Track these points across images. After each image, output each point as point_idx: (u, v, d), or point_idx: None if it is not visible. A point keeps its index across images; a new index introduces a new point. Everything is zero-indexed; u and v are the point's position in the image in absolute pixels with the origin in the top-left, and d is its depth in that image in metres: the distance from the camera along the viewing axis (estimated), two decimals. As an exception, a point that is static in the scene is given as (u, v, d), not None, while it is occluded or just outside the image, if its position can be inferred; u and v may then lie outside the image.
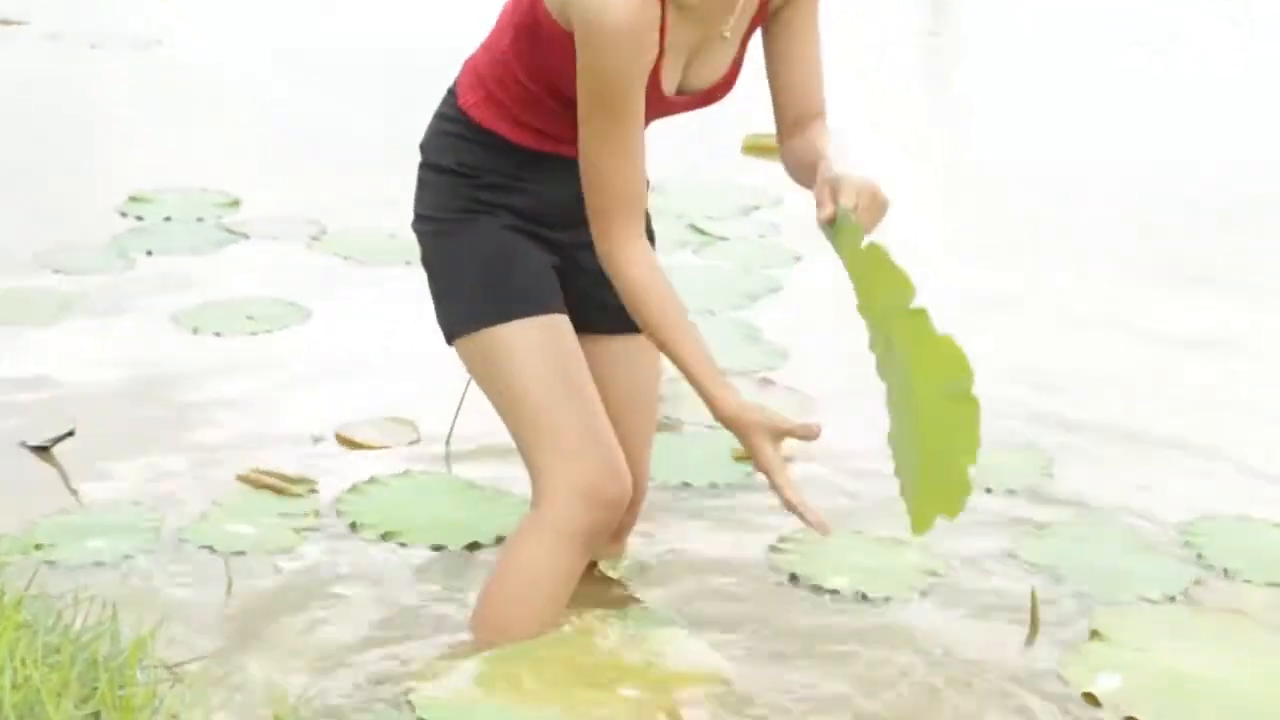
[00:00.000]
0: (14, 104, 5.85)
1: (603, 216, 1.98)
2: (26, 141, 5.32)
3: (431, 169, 2.18)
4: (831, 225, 1.88)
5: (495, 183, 2.12)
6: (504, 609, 2.13)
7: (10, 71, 6.19)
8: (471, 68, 2.16)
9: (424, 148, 2.20)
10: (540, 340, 2.07)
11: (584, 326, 2.20)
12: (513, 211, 2.12)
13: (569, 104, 2.01)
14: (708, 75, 2.08)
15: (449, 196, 2.13)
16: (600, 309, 2.20)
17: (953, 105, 6.65)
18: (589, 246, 2.14)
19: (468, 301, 2.11)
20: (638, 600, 2.38)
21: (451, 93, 2.17)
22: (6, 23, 7.16)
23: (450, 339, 2.17)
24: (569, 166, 2.05)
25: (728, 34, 2.02)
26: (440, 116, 2.18)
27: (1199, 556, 2.60)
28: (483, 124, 2.10)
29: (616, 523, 2.13)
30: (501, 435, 2.98)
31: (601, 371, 2.21)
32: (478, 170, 2.12)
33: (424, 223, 2.19)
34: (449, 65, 2.30)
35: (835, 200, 1.87)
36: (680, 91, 2.07)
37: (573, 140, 2.01)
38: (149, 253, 4.11)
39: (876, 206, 1.88)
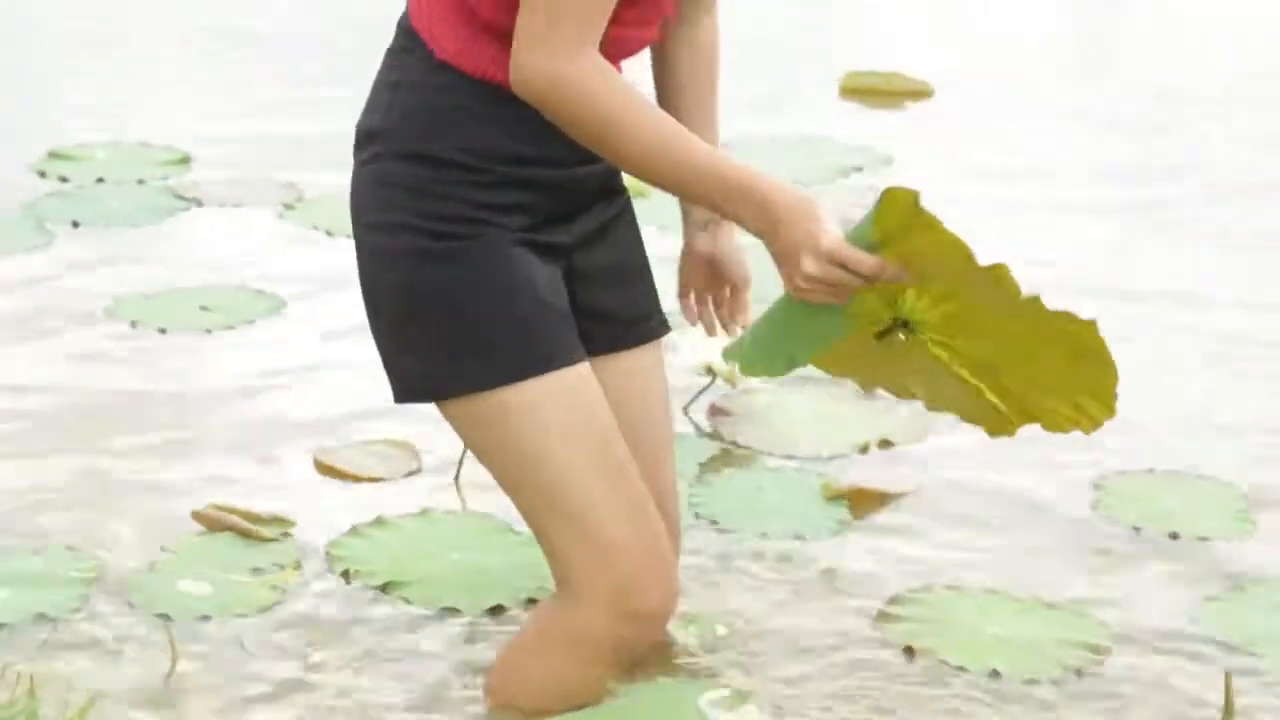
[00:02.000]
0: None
1: (552, 22, 1.87)
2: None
3: (410, 160, 2.01)
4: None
5: (509, 176, 2.01)
6: (519, 706, 2.22)
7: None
8: None
9: (390, 132, 2.03)
10: (570, 403, 2.04)
11: (600, 342, 2.21)
12: (527, 213, 2.05)
13: None
14: None
15: (441, 201, 2.00)
16: (599, 320, 2.19)
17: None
18: (591, 239, 2.15)
19: (468, 352, 2.01)
20: (710, 677, 2.38)
21: (410, 40, 2.01)
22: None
23: (436, 397, 2.06)
24: None
25: None
26: (409, 87, 2.02)
27: None
28: (474, 73, 1.99)
29: (653, 640, 2.18)
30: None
31: (609, 396, 2.17)
32: (487, 159, 2.00)
33: (398, 235, 2.01)
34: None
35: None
36: None
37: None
38: (75, 224, 4.16)
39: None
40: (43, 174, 4.50)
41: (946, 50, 6.15)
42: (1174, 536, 2.84)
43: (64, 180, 4.46)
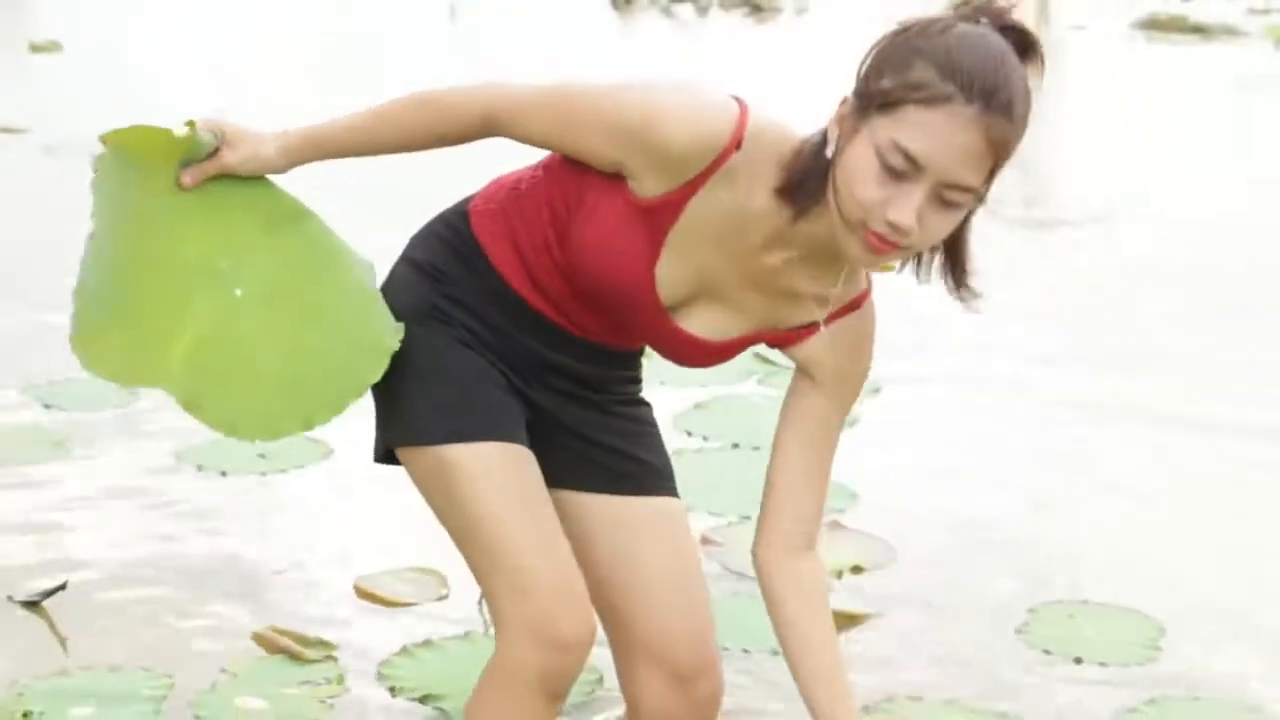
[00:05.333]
0: (5, 218, 6.01)
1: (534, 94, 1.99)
2: (18, 259, 5.46)
3: (403, 262, 2.11)
4: None
5: (458, 297, 2.04)
6: None
7: (3, 183, 6.38)
8: (498, 187, 2.10)
9: (409, 241, 2.14)
10: (499, 463, 1.99)
11: (588, 486, 2.14)
12: (472, 336, 2.05)
13: (586, 293, 1.99)
14: (708, 323, 2.00)
15: (408, 294, 2.06)
16: (599, 471, 2.14)
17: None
18: (566, 408, 2.10)
19: (415, 413, 2.02)
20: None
21: (466, 202, 2.11)
22: (8, 130, 7.39)
23: (389, 447, 2.06)
24: (553, 335, 2.04)
25: (821, 318, 1.95)
26: (441, 219, 2.11)
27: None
28: (492, 254, 2.04)
29: (577, 669, 1.98)
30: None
31: (617, 543, 2.14)
32: (448, 278, 2.05)
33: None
34: (482, 161, 2.30)
35: None
36: (675, 315, 1.99)
37: (569, 321, 2.02)
38: (152, 383, 4.20)
39: None
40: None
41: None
42: (1078, 661, 2.86)
43: (146, 345, 4.50)
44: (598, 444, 2.12)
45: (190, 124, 1.98)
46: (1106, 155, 7.48)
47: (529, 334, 2.04)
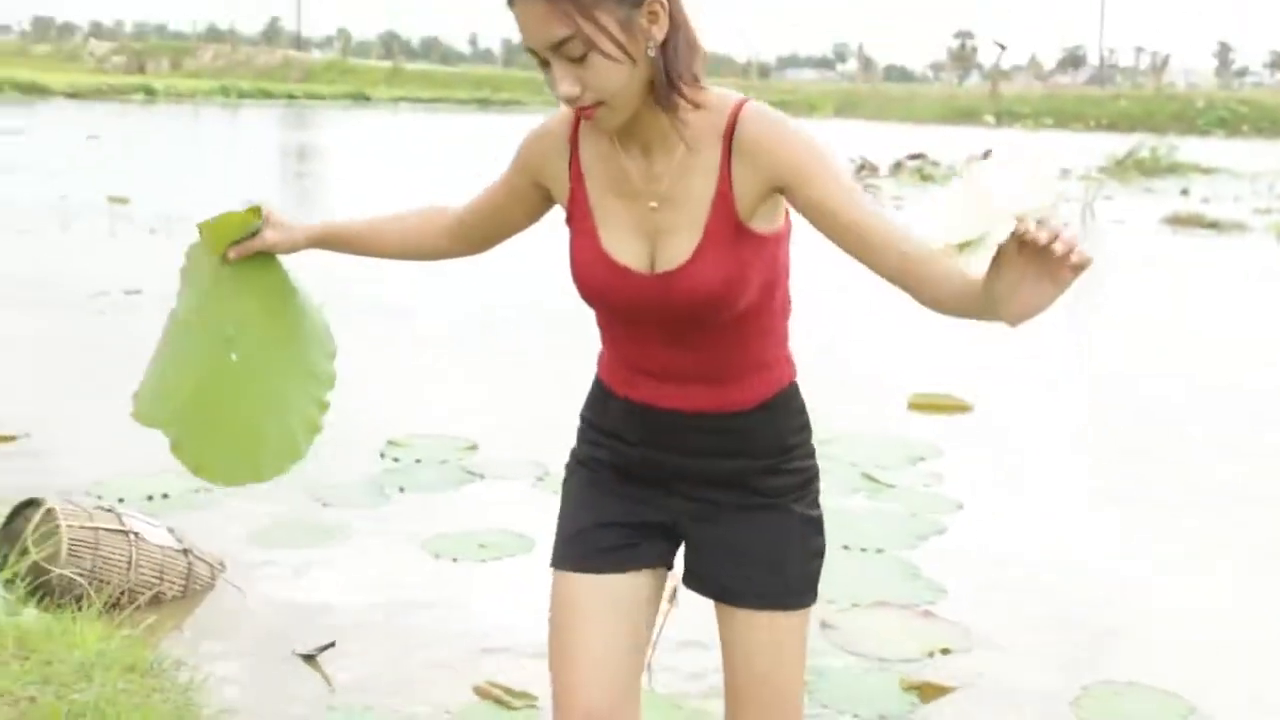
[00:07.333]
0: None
1: None
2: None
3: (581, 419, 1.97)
4: None
5: (593, 438, 1.90)
6: None
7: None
8: None
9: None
10: (567, 595, 1.85)
11: (701, 591, 1.90)
12: (604, 465, 1.87)
13: (610, 316, 1.82)
14: (670, 255, 1.73)
15: (575, 444, 1.94)
16: (703, 576, 1.88)
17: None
18: (691, 515, 1.85)
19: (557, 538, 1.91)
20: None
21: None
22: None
23: None
24: (660, 424, 1.81)
25: (654, 204, 1.73)
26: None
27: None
28: (599, 371, 1.90)
29: None
30: (700, 658, 3.01)
31: (724, 639, 1.90)
32: (588, 421, 1.92)
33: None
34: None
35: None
36: (654, 268, 1.74)
37: (643, 373, 1.82)
38: (402, 489, 4.28)
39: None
40: (383, 455, 4.66)
41: (981, 375, 6.13)
42: None
43: (396, 460, 4.61)
44: (709, 556, 1.85)
45: (257, 208, 1.89)
46: (1149, 331, 7.29)
47: (657, 447, 1.83)
